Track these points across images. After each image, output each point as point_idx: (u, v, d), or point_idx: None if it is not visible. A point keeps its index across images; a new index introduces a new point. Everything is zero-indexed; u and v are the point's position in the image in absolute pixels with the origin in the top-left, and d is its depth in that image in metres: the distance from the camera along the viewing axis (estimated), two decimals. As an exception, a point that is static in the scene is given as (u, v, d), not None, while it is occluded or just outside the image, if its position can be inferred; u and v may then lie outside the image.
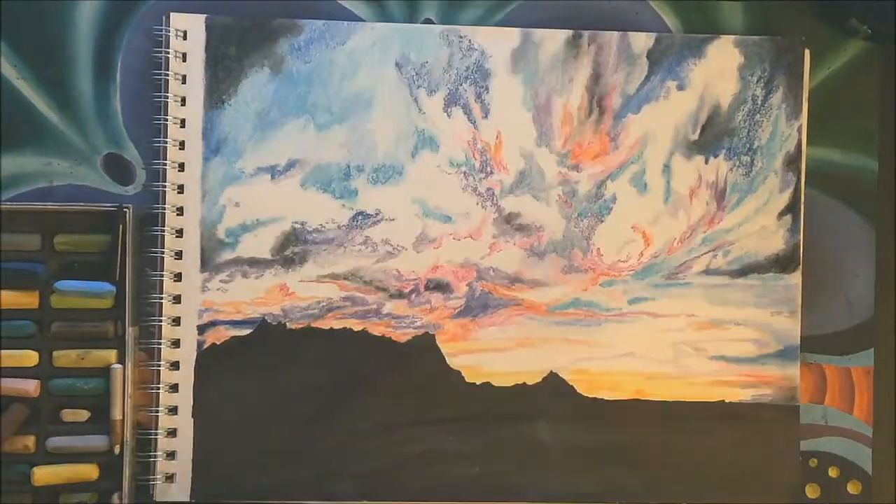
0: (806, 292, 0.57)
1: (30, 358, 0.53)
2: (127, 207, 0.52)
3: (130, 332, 0.53)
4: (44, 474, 0.52)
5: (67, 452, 0.53)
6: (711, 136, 0.56)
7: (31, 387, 0.52)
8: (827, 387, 0.58)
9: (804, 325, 0.57)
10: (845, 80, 0.58)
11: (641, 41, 0.56)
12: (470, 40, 0.55)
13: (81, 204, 0.53)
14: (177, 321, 0.53)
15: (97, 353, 0.53)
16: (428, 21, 0.56)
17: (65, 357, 0.53)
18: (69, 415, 0.53)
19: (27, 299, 0.53)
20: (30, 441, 0.52)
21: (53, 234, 0.53)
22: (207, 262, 0.54)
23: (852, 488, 0.58)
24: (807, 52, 0.57)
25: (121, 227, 0.52)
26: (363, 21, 0.56)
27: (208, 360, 0.54)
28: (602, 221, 0.56)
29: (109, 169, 0.55)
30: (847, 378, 0.58)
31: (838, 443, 0.58)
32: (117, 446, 0.52)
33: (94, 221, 0.53)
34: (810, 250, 0.57)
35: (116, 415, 0.52)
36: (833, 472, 0.58)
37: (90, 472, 0.53)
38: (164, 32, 0.53)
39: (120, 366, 0.53)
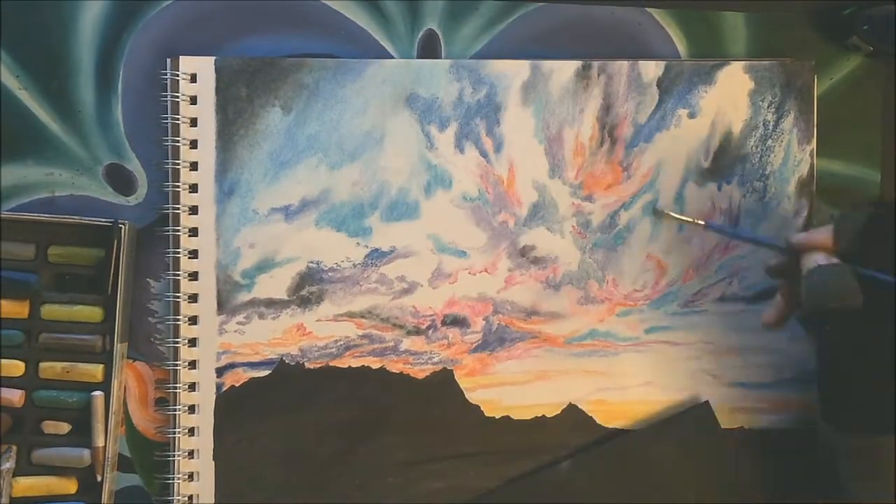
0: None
1: (16, 368, 0.52)
2: (122, 223, 0.52)
3: (119, 348, 0.53)
4: (23, 486, 0.52)
5: (48, 465, 0.52)
6: (724, 162, 0.56)
7: (15, 397, 0.52)
8: None
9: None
10: (847, 91, 0.59)
11: (651, 70, 0.56)
12: (479, 74, 0.55)
13: (77, 217, 0.53)
14: (193, 364, 0.53)
15: (83, 366, 0.53)
16: (430, 31, 0.56)
17: (50, 369, 0.53)
18: (50, 426, 0.53)
19: (17, 309, 0.52)
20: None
21: (48, 245, 0.53)
22: (224, 305, 0.54)
23: (853, 501, 0.58)
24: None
25: (115, 242, 0.52)
26: (365, 32, 0.56)
27: (227, 402, 0.54)
28: (617, 251, 0.56)
29: (111, 179, 0.55)
30: None
31: None
32: (98, 475, 0.52)
33: (89, 235, 0.53)
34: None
35: (98, 441, 0.52)
36: None
37: (69, 486, 0.53)
38: (173, 76, 0.53)
39: (101, 392, 0.52)
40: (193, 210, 0.53)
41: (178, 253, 0.53)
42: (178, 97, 0.53)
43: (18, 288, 0.52)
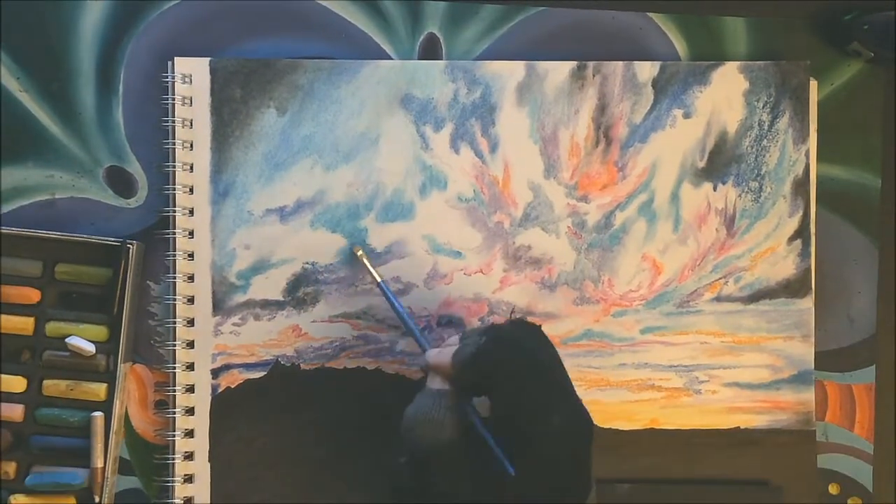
0: (808, 309, 0.58)
1: (18, 384, 0.52)
2: (130, 243, 0.52)
3: (122, 368, 0.53)
4: (21, 503, 0.52)
5: (48, 482, 0.52)
6: (719, 162, 0.56)
7: (17, 413, 0.52)
8: (828, 403, 0.58)
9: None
10: (848, 97, 0.58)
11: (646, 70, 0.56)
12: (475, 75, 0.55)
13: (85, 235, 0.53)
14: (190, 366, 0.53)
15: (87, 385, 0.53)
16: (431, 35, 0.56)
17: (54, 387, 0.53)
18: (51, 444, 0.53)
19: (22, 325, 0.52)
20: (10, 468, 0.52)
21: (55, 263, 0.53)
22: (219, 306, 0.54)
23: (853, 505, 0.58)
24: (812, 80, 0.57)
25: (123, 262, 0.52)
26: (366, 35, 0.56)
27: (223, 403, 0.54)
28: (612, 252, 0.56)
29: (111, 182, 0.55)
30: (848, 395, 0.58)
31: (839, 459, 0.58)
32: (97, 496, 0.52)
33: (97, 254, 0.53)
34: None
35: (97, 462, 0.52)
36: (833, 489, 0.58)
37: None
38: (169, 78, 0.53)
39: (100, 413, 0.52)
40: (190, 212, 0.53)
41: (176, 255, 0.53)
42: (173, 98, 0.53)
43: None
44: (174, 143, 0.53)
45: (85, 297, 0.53)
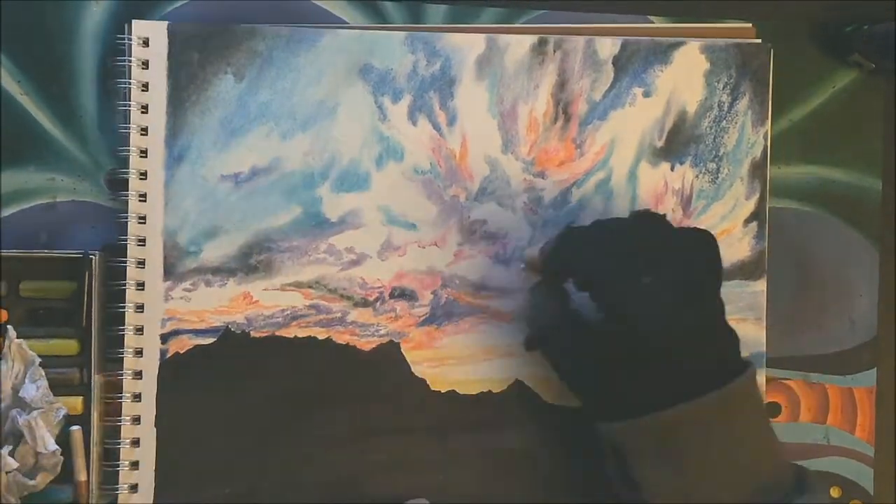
0: (809, 312, 0.58)
1: None
2: (93, 254, 0.52)
3: (96, 379, 0.53)
4: None
5: (35, 502, 0.52)
6: (677, 142, 0.56)
7: None
8: (829, 406, 0.58)
9: (806, 344, 0.58)
10: (849, 99, 0.59)
11: (607, 47, 0.56)
12: (435, 46, 0.55)
13: (45, 251, 0.53)
14: (140, 330, 0.53)
15: (63, 400, 0.52)
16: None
17: None
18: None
19: None
20: None
21: (19, 281, 0.53)
22: (170, 271, 0.53)
23: (854, 508, 0.59)
24: (772, 56, 0.57)
25: (87, 274, 0.52)
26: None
27: (171, 369, 0.53)
28: (568, 229, 0.56)
29: (113, 185, 0.55)
30: (849, 398, 0.58)
31: (840, 462, 0.58)
32: None
33: (60, 268, 0.53)
34: (813, 270, 0.58)
35: (80, 476, 0.52)
36: (835, 493, 0.58)
37: None
38: (126, 41, 0.53)
39: (78, 427, 0.52)
40: (143, 175, 0.53)
41: (128, 217, 0.53)
42: (129, 61, 0.53)
43: None
44: (129, 106, 0.53)
45: (52, 312, 0.53)
